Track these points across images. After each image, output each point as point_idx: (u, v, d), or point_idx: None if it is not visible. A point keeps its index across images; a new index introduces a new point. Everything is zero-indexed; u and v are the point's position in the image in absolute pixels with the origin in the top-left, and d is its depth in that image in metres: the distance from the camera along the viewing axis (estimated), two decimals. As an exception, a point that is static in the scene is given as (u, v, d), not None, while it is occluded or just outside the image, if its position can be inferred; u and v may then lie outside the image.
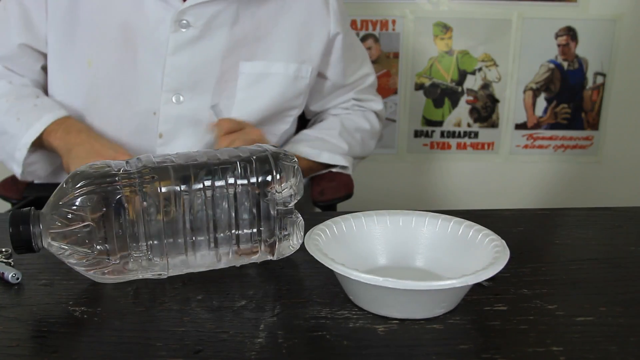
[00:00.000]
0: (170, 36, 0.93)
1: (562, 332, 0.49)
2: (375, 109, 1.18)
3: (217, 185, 0.55)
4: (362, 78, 1.15)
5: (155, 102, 0.96)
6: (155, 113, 0.96)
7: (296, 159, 0.60)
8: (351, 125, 1.13)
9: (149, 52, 0.94)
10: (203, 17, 0.94)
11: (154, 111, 0.96)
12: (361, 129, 1.14)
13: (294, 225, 0.58)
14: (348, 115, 1.15)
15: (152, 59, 0.94)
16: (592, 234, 0.73)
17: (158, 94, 0.95)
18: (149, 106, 0.96)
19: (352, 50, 1.12)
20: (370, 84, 1.17)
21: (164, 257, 0.55)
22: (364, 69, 1.16)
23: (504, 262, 0.51)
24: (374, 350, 0.47)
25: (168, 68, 0.94)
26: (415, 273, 0.58)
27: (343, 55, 1.08)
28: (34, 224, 0.53)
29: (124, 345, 0.47)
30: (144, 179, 0.54)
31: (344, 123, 1.12)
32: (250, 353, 0.46)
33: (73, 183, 0.53)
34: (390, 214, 0.61)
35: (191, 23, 0.94)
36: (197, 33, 0.94)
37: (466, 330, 0.50)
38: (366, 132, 1.15)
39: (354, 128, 1.13)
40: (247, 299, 0.54)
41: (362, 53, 1.17)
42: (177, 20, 0.93)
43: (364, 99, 1.17)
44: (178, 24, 0.93)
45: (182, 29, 0.94)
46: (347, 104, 1.16)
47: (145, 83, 0.95)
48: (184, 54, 0.95)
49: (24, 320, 0.51)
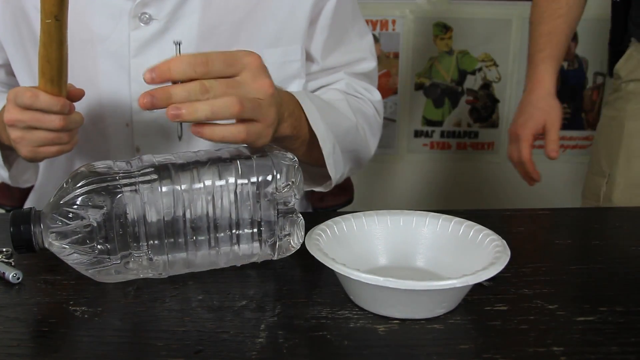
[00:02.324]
0: (131, 34, 0.80)
1: (563, 332, 0.49)
2: (372, 99, 0.94)
3: (218, 185, 0.55)
4: (358, 62, 0.93)
5: (127, 112, 0.83)
6: (128, 125, 0.84)
7: (296, 158, 0.59)
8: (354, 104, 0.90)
9: (109, 56, 0.82)
10: (167, 7, 0.80)
11: (126, 123, 0.84)
12: (364, 113, 0.91)
13: (294, 224, 0.58)
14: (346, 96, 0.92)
15: (114, 64, 0.82)
16: (592, 234, 0.73)
17: (127, 103, 0.83)
18: (119, 118, 0.84)
19: (346, 22, 0.90)
20: (366, 72, 0.94)
21: (164, 256, 0.55)
22: (361, 52, 0.93)
23: (504, 262, 0.51)
24: (374, 350, 0.47)
25: (134, 72, 0.81)
26: (415, 273, 0.58)
27: (331, 25, 0.87)
28: (35, 224, 0.53)
29: (124, 345, 0.47)
30: (145, 178, 0.54)
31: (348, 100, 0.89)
32: (250, 353, 0.46)
33: (74, 182, 0.53)
34: (390, 214, 0.61)
35: (153, 16, 0.80)
36: (162, 26, 0.80)
37: (467, 330, 0.50)
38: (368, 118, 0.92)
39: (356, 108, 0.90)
40: (247, 299, 0.54)
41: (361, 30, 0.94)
42: (136, 15, 0.80)
43: (358, 86, 0.94)
44: (138, 19, 0.80)
45: (143, 24, 0.80)
46: (339, 84, 0.92)
47: (112, 93, 0.83)
48: (149, 53, 0.81)
49: (24, 320, 0.51)
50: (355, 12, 0.93)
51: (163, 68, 0.54)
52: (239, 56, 0.57)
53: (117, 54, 0.81)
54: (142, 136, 0.84)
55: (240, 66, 0.57)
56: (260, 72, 0.59)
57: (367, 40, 0.95)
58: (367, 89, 0.94)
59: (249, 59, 0.58)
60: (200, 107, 0.54)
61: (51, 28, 0.60)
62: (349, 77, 0.92)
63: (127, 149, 0.85)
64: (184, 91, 0.54)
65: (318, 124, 0.75)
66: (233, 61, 0.57)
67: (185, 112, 0.54)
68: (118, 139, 0.84)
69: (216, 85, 0.55)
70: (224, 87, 0.55)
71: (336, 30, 0.89)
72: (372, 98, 0.94)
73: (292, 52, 0.86)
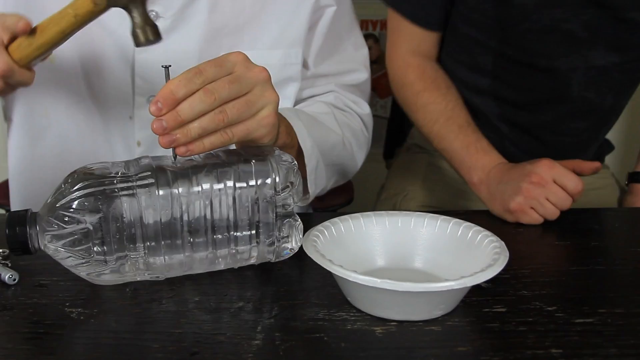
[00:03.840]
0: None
1: (562, 334, 0.49)
2: (360, 113, 0.94)
3: (216, 188, 0.55)
4: (349, 72, 0.93)
5: (129, 106, 0.85)
6: (132, 117, 0.85)
7: (295, 161, 0.59)
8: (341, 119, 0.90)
9: (115, 50, 0.83)
10: (174, 6, 0.81)
11: (129, 115, 0.85)
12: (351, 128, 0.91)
13: (293, 228, 0.58)
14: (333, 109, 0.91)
15: (119, 58, 0.83)
16: (592, 235, 0.72)
17: (130, 96, 0.84)
18: (122, 110, 0.85)
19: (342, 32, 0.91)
20: (357, 83, 0.94)
21: (161, 259, 0.55)
22: (354, 63, 0.94)
23: (503, 263, 0.51)
24: (372, 352, 0.46)
25: (138, 68, 0.83)
26: (413, 274, 0.58)
27: (327, 33, 0.88)
28: (31, 226, 0.53)
29: (120, 347, 0.47)
30: (142, 182, 0.53)
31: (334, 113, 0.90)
32: (247, 355, 0.46)
33: (70, 185, 0.53)
34: (388, 215, 0.61)
35: (160, 13, 0.81)
36: (168, 24, 0.82)
37: (465, 332, 0.49)
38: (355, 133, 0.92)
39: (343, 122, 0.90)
40: (244, 301, 0.54)
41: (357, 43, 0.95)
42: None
43: (347, 99, 0.94)
44: None
45: None
46: (328, 97, 0.92)
47: (116, 87, 0.85)
48: (154, 50, 0.79)
49: (20, 321, 0.51)
50: (353, 24, 0.95)
51: (166, 94, 0.54)
52: (224, 57, 0.58)
53: (123, 49, 0.82)
54: (143, 130, 0.85)
55: (230, 64, 0.57)
56: (249, 63, 0.59)
57: (362, 53, 0.96)
58: (356, 102, 0.94)
59: (234, 56, 0.58)
60: (191, 126, 0.54)
61: (67, 19, 0.61)
62: (338, 89, 0.93)
63: (129, 143, 0.86)
64: (187, 102, 0.54)
65: (305, 140, 0.76)
66: (221, 62, 0.57)
67: (179, 135, 0.53)
68: (120, 132, 0.85)
69: (218, 84, 0.55)
70: (225, 84, 0.56)
71: (331, 39, 0.90)
72: (361, 111, 0.95)
73: (293, 55, 0.88)
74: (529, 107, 0.97)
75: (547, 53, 0.91)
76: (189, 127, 0.53)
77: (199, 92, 0.54)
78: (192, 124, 0.54)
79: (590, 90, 0.93)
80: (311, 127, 0.80)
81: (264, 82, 0.59)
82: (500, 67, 0.95)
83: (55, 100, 0.86)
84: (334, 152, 0.85)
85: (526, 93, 0.96)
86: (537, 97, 0.96)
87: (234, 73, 0.57)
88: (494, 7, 0.90)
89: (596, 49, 0.91)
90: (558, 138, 0.98)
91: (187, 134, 0.53)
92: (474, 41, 0.96)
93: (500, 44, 0.93)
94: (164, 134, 0.53)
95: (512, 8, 0.88)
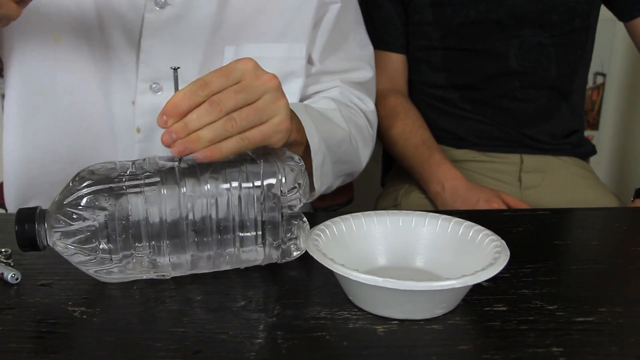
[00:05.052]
0: (145, 16, 0.81)
1: (562, 333, 0.49)
2: (365, 109, 0.95)
3: (222, 188, 0.55)
4: (355, 70, 0.95)
5: (132, 91, 0.84)
6: (134, 102, 0.84)
7: (303, 162, 0.59)
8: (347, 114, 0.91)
9: (122, 34, 0.82)
10: None
11: (132, 100, 0.84)
12: (357, 124, 0.92)
13: (299, 229, 0.58)
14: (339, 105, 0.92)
15: (126, 42, 0.83)
16: (592, 234, 0.73)
17: (133, 82, 0.84)
18: (125, 95, 0.85)
19: (347, 29, 0.92)
20: (362, 81, 0.95)
21: (167, 258, 0.55)
22: (359, 61, 0.95)
23: (503, 262, 0.51)
24: (373, 351, 0.47)
25: (143, 54, 0.83)
26: (415, 273, 0.58)
27: (332, 29, 0.89)
28: (39, 223, 0.54)
29: (123, 346, 0.47)
30: (150, 181, 0.54)
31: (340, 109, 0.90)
32: (249, 354, 0.46)
33: (79, 183, 0.53)
34: (390, 214, 0.61)
35: (169, 1, 0.81)
36: (176, 12, 0.81)
37: (466, 330, 0.50)
38: (361, 130, 0.93)
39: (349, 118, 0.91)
40: (247, 300, 0.54)
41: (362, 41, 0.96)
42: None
43: (352, 95, 0.95)
44: (153, 1, 0.81)
45: (158, 7, 0.81)
46: (333, 92, 0.93)
47: (120, 72, 0.84)
48: (161, 37, 0.82)
49: (23, 321, 0.51)
50: (358, 22, 0.96)
51: (170, 107, 0.54)
52: (232, 65, 0.57)
53: (130, 34, 0.82)
54: (143, 117, 0.84)
55: (238, 72, 0.57)
56: (259, 69, 0.58)
57: (367, 52, 0.97)
58: (361, 99, 0.95)
59: (243, 64, 0.57)
60: (201, 133, 0.54)
61: None
62: (343, 85, 0.93)
63: (129, 128, 0.85)
64: (194, 114, 0.54)
65: (312, 135, 0.76)
66: (229, 71, 0.56)
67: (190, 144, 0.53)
68: (121, 115, 0.85)
69: (224, 95, 0.55)
70: (231, 94, 0.55)
71: (336, 35, 0.91)
72: (366, 108, 0.95)
73: (297, 49, 0.87)
74: (482, 85, 1.13)
75: (482, 39, 1.09)
76: (199, 134, 0.54)
77: (205, 104, 0.54)
78: (201, 131, 0.54)
79: (530, 61, 1.10)
80: (319, 122, 0.80)
81: (274, 89, 0.58)
82: (449, 60, 1.13)
83: (53, 80, 0.85)
84: (341, 149, 0.86)
85: (475, 73, 1.12)
86: (486, 75, 1.12)
87: (242, 82, 0.57)
88: (432, 13, 1.11)
89: (524, 30, 1.08)
90: (519, 105, 1.13)
91: (198, 141, 0.53)
92: (425, 47, 1.14)
93: (442, 41, 1.12)
94: (171, 144, 0.53)
95: (446, 8, 1.09)
